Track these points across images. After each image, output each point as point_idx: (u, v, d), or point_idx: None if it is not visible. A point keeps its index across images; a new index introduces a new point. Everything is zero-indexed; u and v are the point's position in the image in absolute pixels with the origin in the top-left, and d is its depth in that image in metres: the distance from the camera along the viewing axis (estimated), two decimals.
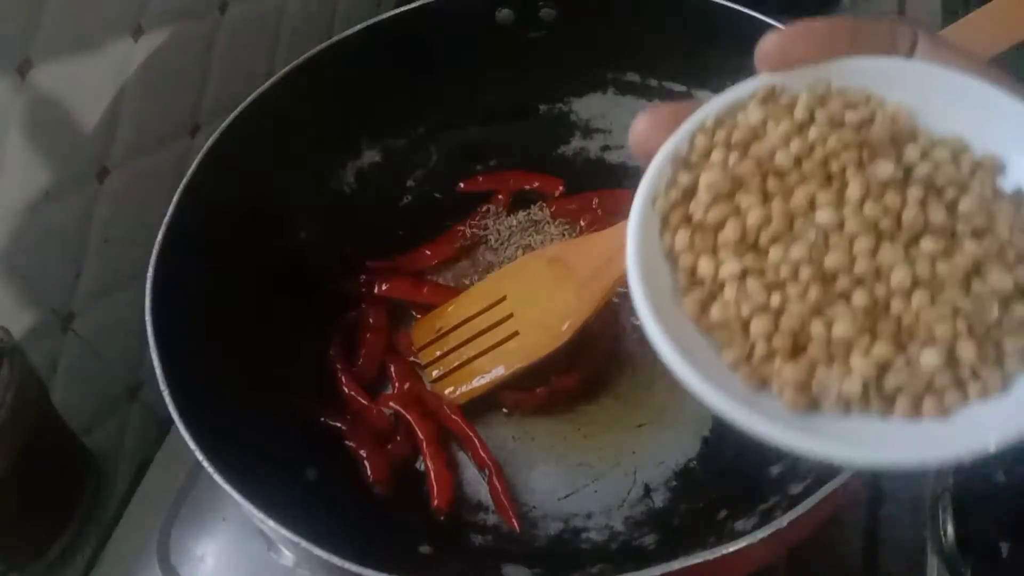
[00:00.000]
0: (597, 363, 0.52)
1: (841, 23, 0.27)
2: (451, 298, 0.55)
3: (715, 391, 0.22)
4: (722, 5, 0.54)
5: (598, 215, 0.58)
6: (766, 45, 0.27)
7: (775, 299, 0.24)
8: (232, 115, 0.51)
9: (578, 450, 0.50)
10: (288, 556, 0.49)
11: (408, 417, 0.50)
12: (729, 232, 0.25)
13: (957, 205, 0.24)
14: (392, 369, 0.53)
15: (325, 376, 0.53)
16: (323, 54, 0.55)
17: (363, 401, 0.52)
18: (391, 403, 0.51)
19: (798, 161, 0.25)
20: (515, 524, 0.47)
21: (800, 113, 0.26)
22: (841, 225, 0.24)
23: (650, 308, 0.24)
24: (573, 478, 0.49)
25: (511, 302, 0.51)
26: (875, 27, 0.28)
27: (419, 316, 0.56)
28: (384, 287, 0.56)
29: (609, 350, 0.53)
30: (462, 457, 0.50)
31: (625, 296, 0.55)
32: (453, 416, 0.50)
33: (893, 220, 0.24)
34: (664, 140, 0.27)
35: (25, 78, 0.47)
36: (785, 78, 0.27)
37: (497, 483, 0.48)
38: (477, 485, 0.49)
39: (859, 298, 0.23)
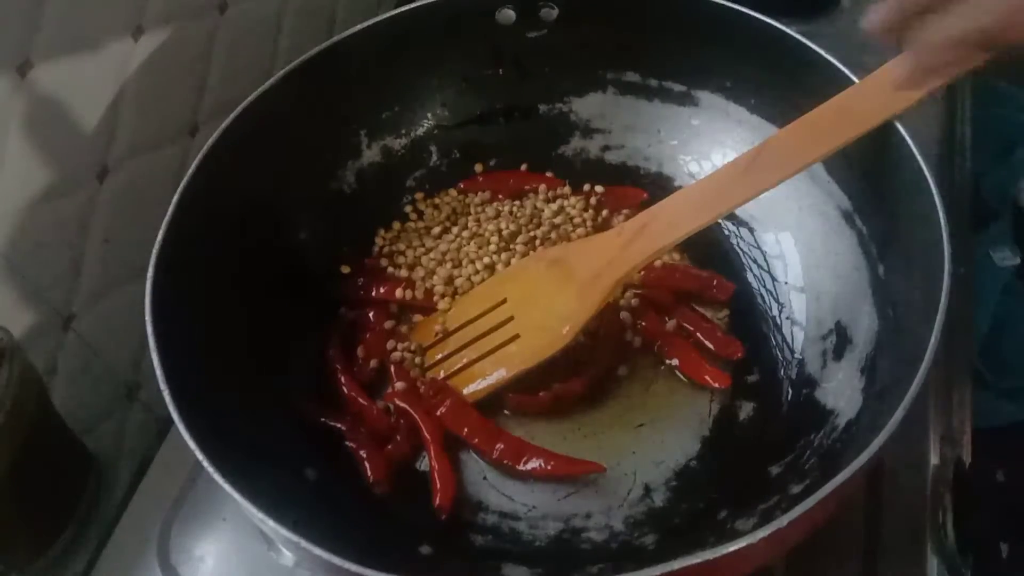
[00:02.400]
0: (601, 367, 0.52)
1: None
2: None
3: None
4: (722, 5, 0.54)
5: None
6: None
7: None
8: (232, 115, 0.51)
9: (578, 450, 0.50)
10: (288, 556, 0.49)
11: (414, 415, 0.50)
12: None
13: None
14: (392, 369, 0.53)
15: (325, 376, 0.53)
16: (323, 54, 0.55)
17: (363, 401, 0.51)
18: (396, 400, 0.51)
19: None
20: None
21: None
22: None
23: None
24: (573, 478, 0.49)
25: (512, 304, 0.52)
26: None
27: (419, 316, 0.56)
28: (382, 289, 0.56)
29: (612, 353, 0.53)
30: (463, 457, 0.50)
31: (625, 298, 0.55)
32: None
33: None
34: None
35: (25, 78, 0.47)
36: None
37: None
38: (477, 485, 0.49)
39: None
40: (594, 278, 0.48)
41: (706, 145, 0.60)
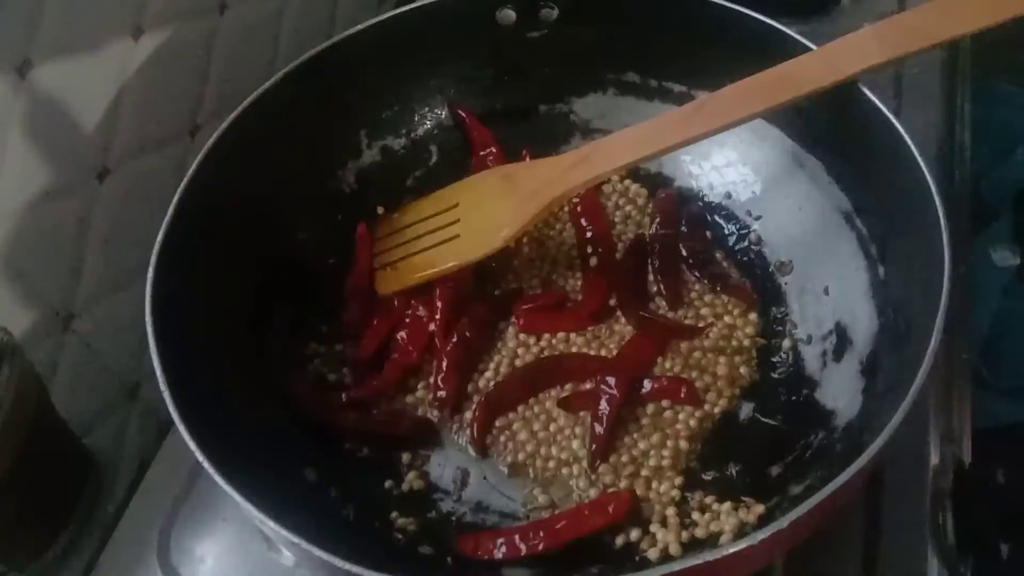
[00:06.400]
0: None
1: None
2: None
3: None
4: (722, 5, 0.54)
5: None
6: None
7: None
8: (232, 115, 0.51)
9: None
10: (288, 556, 0.49)
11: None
12: None
13: None
14: None
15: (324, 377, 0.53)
16: (323, 54, 0.55)
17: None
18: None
19: None
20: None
21: None
22: None
23: None
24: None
25: (461, 208, 0.55)
26: None
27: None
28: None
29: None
30: (465, 461, 0.50)
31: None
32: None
33: None
34: None
35: (25, 78, 0.47)
36: None
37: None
38: (478, 485, 0.49)
39: None
40: (534, 193, 0.52)
41: (706, 145, 0.59)
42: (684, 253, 0.57)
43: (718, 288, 0.55)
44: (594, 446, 0.48)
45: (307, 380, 0.53)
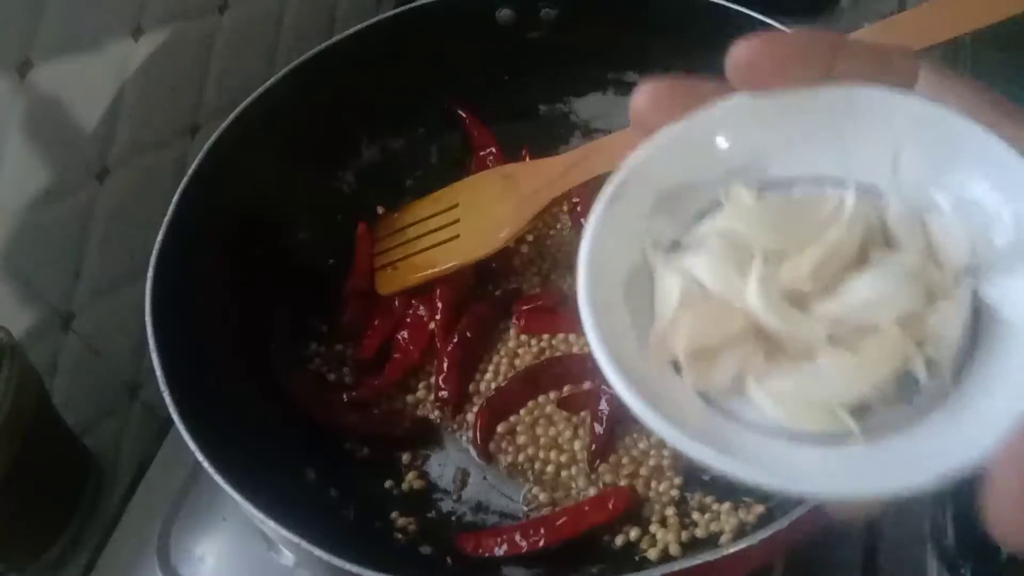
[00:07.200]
0: None
1: (824, 37, 0.23)
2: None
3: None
4: (721, 5, 0.54)
5: None
6: (736, 56, 0.24)
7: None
8: (232, 115, 0.51)
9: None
10: (288, 556, 0.49)
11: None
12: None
13: None
14: None
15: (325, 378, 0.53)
16: (323, 54, 0.55)
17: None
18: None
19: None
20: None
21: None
22: None
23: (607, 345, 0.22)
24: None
25: (461, 208, 0.55)
26: (865, 49, 0.24)
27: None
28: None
29: None
30: (466, 462, 0.50)
31: None
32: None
33: None
34: (664, 122, 0.26)
35: (25, 78, 0.47)
36: (757, 106, 0.25)
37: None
38: (477, 486, 0.49)
39: None
40: (534, 193, 0.52)
41: None
42: None
43: None
44: (594, 446, 0.48)
45: (307, 380, 0.53)
